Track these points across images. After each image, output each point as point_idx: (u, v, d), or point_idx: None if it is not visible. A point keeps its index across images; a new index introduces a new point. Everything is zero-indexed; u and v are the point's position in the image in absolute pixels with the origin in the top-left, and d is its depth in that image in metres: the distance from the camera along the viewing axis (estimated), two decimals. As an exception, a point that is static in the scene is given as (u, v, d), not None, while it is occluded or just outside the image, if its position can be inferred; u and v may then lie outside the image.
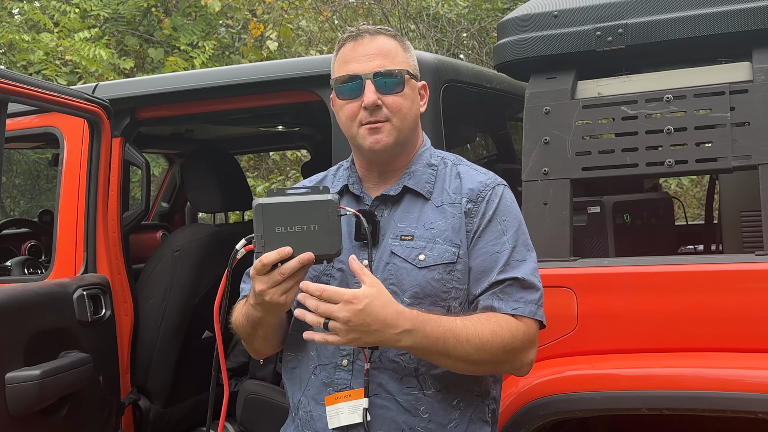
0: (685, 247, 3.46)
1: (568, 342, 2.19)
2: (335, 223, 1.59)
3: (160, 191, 4.99)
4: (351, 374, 1.74)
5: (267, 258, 1.57)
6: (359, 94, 1.76)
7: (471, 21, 8.41)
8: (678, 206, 3.64)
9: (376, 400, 1.72)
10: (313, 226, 1.58)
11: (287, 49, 9.36)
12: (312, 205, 1.59)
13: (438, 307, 1.73)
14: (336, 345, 1.68)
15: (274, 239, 1.58)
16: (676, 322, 2.12)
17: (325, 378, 1.76)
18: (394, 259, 1.76)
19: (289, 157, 9.05)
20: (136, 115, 3.11)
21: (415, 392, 1.73)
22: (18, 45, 8.25)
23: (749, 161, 2.17)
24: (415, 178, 1.84)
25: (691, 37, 2.28)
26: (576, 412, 2.15)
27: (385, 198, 1.83)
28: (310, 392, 1.78)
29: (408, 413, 1.73)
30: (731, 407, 1.99)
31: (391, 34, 1.84)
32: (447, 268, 1.74)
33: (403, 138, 1.81)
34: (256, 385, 3.38)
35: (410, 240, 1.77)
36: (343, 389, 1.73)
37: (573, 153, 2.33)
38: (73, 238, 2.96)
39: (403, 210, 1.82)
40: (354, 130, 1.80)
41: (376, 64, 1.77)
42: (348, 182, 1.87)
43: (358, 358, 1.73)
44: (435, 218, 1.79)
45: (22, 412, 2.40)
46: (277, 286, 1.59)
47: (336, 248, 1.60)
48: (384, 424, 1.72)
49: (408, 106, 1.80)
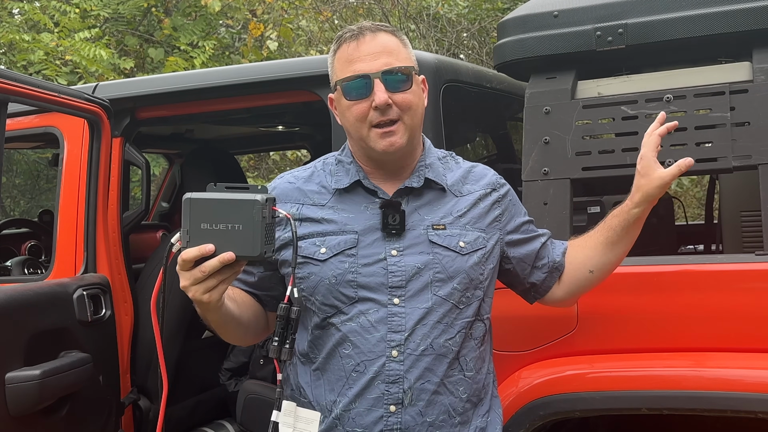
0: (685, 247, 3.46)
1: (568, 342, 2.19)
2: (259, 224, 1.53)
3: (160, 191, 4.99)
4: (402, 364, 1.75)
5: (187, 254, 1.55)
6: (368, 93, 1.75)
7: (471, 21, 8.41)
8: (678, 206, 3.64)
9: (428, 386, 1.76)
10: (237, 225, 1.54)
11: (287, 49, 9.36)
12: (238, 203, 1.54)
13: (478, 289, 1.83)
14: (381, 338, 1.74)
15: (199, 235, 1.55)
16: (676, 322, 2.12)
17: (374, 372, 1.75)
18: (434, 249, 1.79)
19: (289, 157, 9.04)
20: (136, 115, 3.11)
21: (456, 374, 1.80)
22: (18, 45, 8.25)
23: (749, 161, 2.17)
24: (434, 170, 1.87)
25: (691, 37, 2.28)
26: (576, 412, 2.15)
27: (407, 190, 1.84)
28: (352, 390, 1.77)
29: (452, 395, 1.80)
30: (731, 407, 1.99)
31: (390, 30, 1.84)
32: (481, 253, 1.83)
33: (414, 135, 1.82)
34: (256, 385, 3.38)
35: (443, 229, 1.81)
36: (396, 380, 1.75)
37: (573, 153, 2.33)
38: (73, 238, 2.96)
39: (427, 202, 1.85)
40: (364, 132, 1.78)
41: (383, 62, 1.76)
42: (359, 177, 1.85)
43: (408, 347, 1.75)
44: (460, 207, 1.86)
45: (22, 412, 2.40)
46: (199, 284, 1.57)
47: (257, 251, 1.54)
48: (436, 408, 1.77)
49: (417, 102, 1.81)
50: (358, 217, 1.82)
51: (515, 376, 2.19)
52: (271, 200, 1.58)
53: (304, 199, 1.87)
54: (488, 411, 1.89)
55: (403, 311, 1.75)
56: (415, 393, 1.75)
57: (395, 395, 1.75)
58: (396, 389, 1.75)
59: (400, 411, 1.75)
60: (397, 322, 1.75)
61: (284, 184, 1.92)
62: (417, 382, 1.75)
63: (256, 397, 3.29)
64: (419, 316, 1.75)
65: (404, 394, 1.75)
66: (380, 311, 1.75)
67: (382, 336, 1.75)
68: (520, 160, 2.48)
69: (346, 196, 1.85)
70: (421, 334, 1.75)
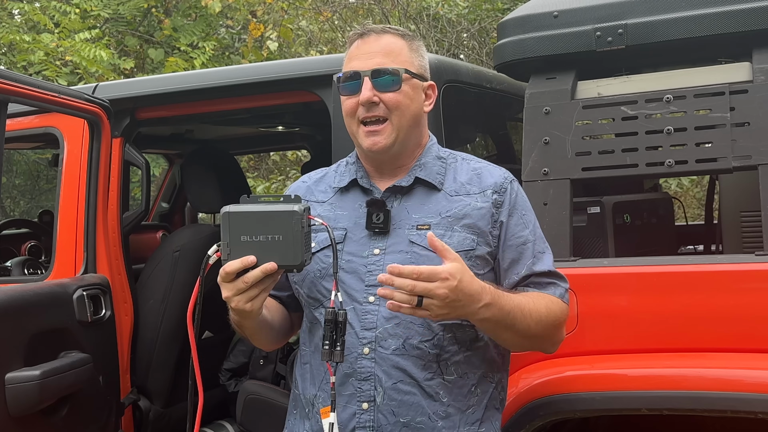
0: (685, 247, 3.46)
1: (568, 342, 2.18)
2: (299, 234, 1.59)
3: (160, 191, 4.99)
4: (374, 362, 1.76)
5: (230, 267, 1.60)
6: (358, 90, 1.80)
7: (471, 21, 8.41)
8: (678, 206, 3.64)
9: (402, 387, 1.76)
10: (277, 236, 1.59)
11: (287, 50, 9.36)
12: (277, 215, 1.59)
13: None
14: (354, 335, 1.74)
15: (239, 247, 1.60)
16: (676, 323, 2.12)
17: (347, 368, 1.77)
18: (413, 248, 1.78)
19: (289, 158, 9.05)
20: (136, 115, 3.11)
21: (436, 378, 1.78)
22: (18, 45, 8.25)
23: (749, 161, 2.17)
24: (426, 169, 1.87)
25: (691, 37, 2.28)
26: (576, 412, 2.15)
27: (396, 189, 1.86)
28: (328, 386, 1.78)
29: (430, 398, 1.77)
30: (731, 407, 1.99)
31: (400, 33, 1.87)
32: (467, 255, 1.78)
33: (404, 137, 1.83)
34: (256, 385, 3.38)
35: (427, 229, 1.80)
36: (368, 378, 1.76)
37: (573, 153, 2.33)
38: (73, 238, 2.96)
39: (417, 201, 1.85)
40: (354, 128, 1.84)
41: (376, 62, 1.81)
42: (357, 176, 1.90)
43: (380, 345, 1.76)
44: (450, 207, 1.83)
45: (22, 413, 2.40)
46: (241, 294, 1.62)
47: (298, 259, 1.60)
48: (411, 409, 1.76)
49: (407, 103, 1.82)
50: (351, 215, 1.86)
51: (515, 377, 2.19)
52: (307, 209, 1.63)
53: (309, 196, 1.94)
54: (480, 422, 1.83)
55: (376, 309, 1.77)
56: (387, 392, 1.76)
57: (367, 393, 1.76)
58: (368, 387, 1.76)
59: (373, 409, 1.76)
60: (369, 319, 1.77)
61: (298, 183, 2.02)
62: (389, 381, 1.75)
63: (256, 397, 3.29)
64: (389, 314, 1.75)
65: (376, 392, 1.76)
66: (355, 308, 1.78)
67: (356, 333, 1.77)
68: (520, 161, 2.48)
69: (345, 195, 1.91)
70: (392, 333, 1.76)
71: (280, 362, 3.46)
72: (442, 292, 1.58)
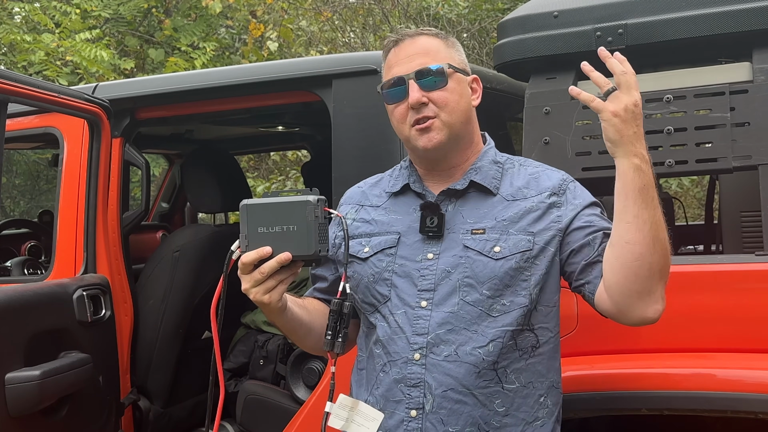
0: (685, 247, 3.45)
1: (568, 342, 2.18)
2: (312, 224, 1.60)
3: (160, 191, 4.99)
4: (424, 368, 1.72)
5: (247, 257, 1.62)
6: (405, 95, 1.78)
7: (471, 21, 8.41)
8: (678, 206, 3.63)
9: (452, 395, 1.70)
10: (292, 226, 1.60)
11: (287, 50, 9.36)
12: (291, 205, 1.61)
13: (519, 296, 1.73)
14: (405, 340, 1.72)
15: (257, 239, 1.62)
16: (676, 323, 2.12)
17: (396, 374, 1.74)
18: (468, 253, 1.75)
19: (289, 158, 9.05)
20: (136, 115, 3.11)
21: (492, 386, 1.72)
22: (19, 46, 8.26)
23: (749, 161, 2.17)
24: (482, 173, 1.84)
25: (691, 37, 2.27)
26: (576, 412, 2.14)
27: (451, 192, 1.83)
28: (378, 390, 1.77)
29: (484, 407, 1.71)
30: (731, 407, 1.99)
31: (433, 33, 1.86)
32: (524, 256, 1.74)
33: (456, 133, 1.81)
34: (256, 385, 3.38)
35: (482, 233, 1.77)
36: (417, 384, 1.72)
37: (573, 153, 2.33)
38: (73, 238, 2.96)
39: (472, 205, 1.82)
40: (406, 132, 1.81)
41: (417, 63, 1.79)
42: (409, 180, 1.88)
43: (431, 351, 1.72)
44: (506, 211, 1.79)
45: (22, 413, 2.40)
46: (259, 286, 1.63)
47: (312, 249, 1.60)
48: (461, 418, 1.71)
49: (455, 99, 1.80)
50: (405, 219, 1.84)
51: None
52: (323, 201, 1.64)
53: (364, 201, 1.94)
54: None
55: (428, 314, 1.74)
56: (437, 400, 1.71)
57: (416, 400, 1.72)
58: (417, 393, 1.72)
59: (421, 417, 1.71)
60: (421, 324, 1.74)
61: (354, 189, 2.02)
62: (439, 389, 1.70)
63: (256, 397, 3.29)
64: (442, 320, 1.72)
65: (425, 399, 1.71)
66: (407, 313, 1.75)
67: (407, 338, 1.74)
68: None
69: (400, 199, 1.89)
70: (444, 340, 1.72)
71: (280, 362, 3.46)
72: (637, 94, 1.64)
